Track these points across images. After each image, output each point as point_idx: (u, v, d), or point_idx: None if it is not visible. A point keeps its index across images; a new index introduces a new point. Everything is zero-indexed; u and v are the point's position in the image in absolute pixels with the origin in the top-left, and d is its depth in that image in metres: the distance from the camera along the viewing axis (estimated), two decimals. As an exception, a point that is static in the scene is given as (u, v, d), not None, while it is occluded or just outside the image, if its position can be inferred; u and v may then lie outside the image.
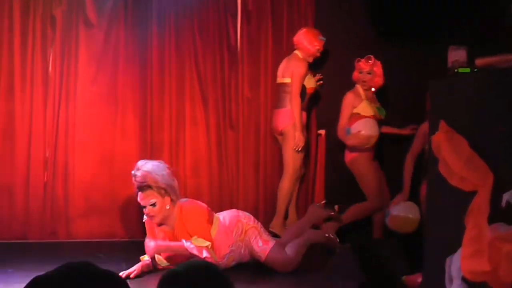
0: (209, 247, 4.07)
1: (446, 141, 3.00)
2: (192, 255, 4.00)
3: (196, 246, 4.04)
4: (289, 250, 4.35)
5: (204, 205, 4.30)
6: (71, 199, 5.28)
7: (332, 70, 5.61)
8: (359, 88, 5.22)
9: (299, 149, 5.18)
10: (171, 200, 4.15)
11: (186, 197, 5.32)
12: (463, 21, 5.16)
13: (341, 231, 5.30)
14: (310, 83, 5.30)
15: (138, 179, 4.10)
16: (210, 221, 4.20)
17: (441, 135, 3.04)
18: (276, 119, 5.32)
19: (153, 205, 4.11)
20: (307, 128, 5.43)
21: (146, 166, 4.11)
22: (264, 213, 5.53)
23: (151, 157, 5.28)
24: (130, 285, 3.71)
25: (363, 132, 5.05)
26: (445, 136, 3.01)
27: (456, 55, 3.15)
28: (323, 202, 5.21)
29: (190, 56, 5.45)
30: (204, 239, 4.10)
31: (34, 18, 5.20)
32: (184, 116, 5.47)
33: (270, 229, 5.05)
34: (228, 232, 4.21)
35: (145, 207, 4.14)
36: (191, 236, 4.10)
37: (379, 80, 5.21)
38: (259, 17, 5.54)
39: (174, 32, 5.42)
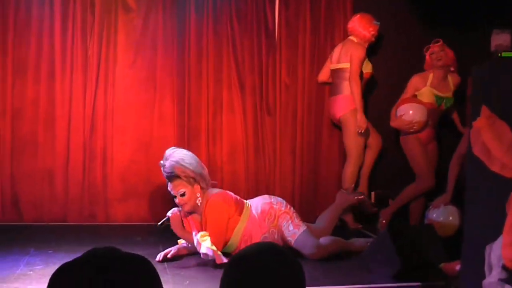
0: (214, 249, 3.98)
1: (488, 126, 2.96)
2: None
3: (200, 243, 3.97)
4: (323, 238, 4.34)
5: (232, 198, 4.20)
6: (109, 183, 5.36)
7: (370, 53, 5.53)
8: (429, 73, 5.16)
9: (362, 131, 5.19)
10: (201, 188, 4.14)
11: (222, 183, 5.43)
12: (507, 3, 5.06)
13: (378, 218, 5.33)
14: (367, 68, 5.29)
15: (166, 169, 4.09)
16: (239, 212, 4.17)
17: (482, 121, 2.99)
18: (333, 106, 5.33)
19: (183, 194, 4.11)
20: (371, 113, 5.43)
21: (173, 156, 4.08)
22: (300, 199, 5.56)
23: (188, 142, 5.41)
24: (169, 268, 3.81)
25: (405, 116, 5.00)
26: (486, 122, 2.97)
27: (500, 38, 3.09)
28: (352, 186, 5.20)
29: (228, 41, 5.46)
30: (220, 236, 4.06)
31: (74, 4, 5.25)
32: (221, 102, 5.48)
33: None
34: (261, 221, 4.19)
35: (175, 196, 4.15)
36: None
37: (452, 55, 5.15)
38: (297, 1, 5.52)
39: (212, 17, 5.43)
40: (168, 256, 4.14)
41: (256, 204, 4.29)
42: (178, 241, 4.29)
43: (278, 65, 5.52)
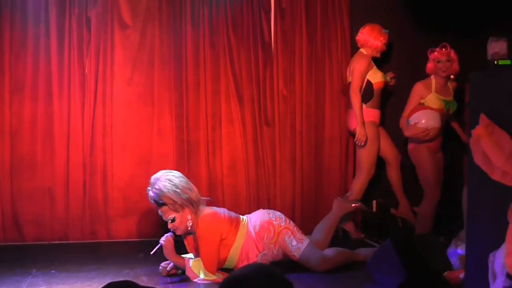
0: (207, 279, 4.00)
1: (487, 135, 2.97)
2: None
3: (192, 270, 4.01)
4: (328, 250, 4.35)
5: (224, 217, 4.14)
6: (110, 200, 5.35)
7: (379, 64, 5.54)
8: (431, 79, 5.12)
9: (361, 144, 5.19)
10: (191, 211, 4.10)
11: (223, 196, 5.44)
12: (504, 12, 5.09)
13: (382, 227, 5.33)
14: (376, 77, 5.26)
15: (151, 198, 4.08)
16: (234, 231, 4.13)
17: (481, 129, 3.00)
18: (348, 119, 5.38)
19: (173, 220, 4.09)
20: (381, 124, 5.41)
21: (157, 184, 4.04)
22: (302, 211, 5.55)
23: (187, 156, 5.42)
24: (173, 284, 3.79)
25: (420, 124, 4.96)
26: (485, 130, 2.98)
27: (496, 46, 3.11)
28: (347, 194, 5.20)
29: (225, 54, 5.47)
30: (213, 259, 4.03)
31: (70, 20, 5.25)
32: (220, 114, 5.49)
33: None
34: (258, 239, 4.14)
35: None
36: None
37: (456, 66, 5.13)
38: (293, 13, 5.53)
39: (208, 30, 5.44)
40: (168, 269, 4.15)
41: (254, 220, 4.23)
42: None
43: (275, 76, 5.53)
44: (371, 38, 5.27)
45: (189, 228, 4.11)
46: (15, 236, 5.22)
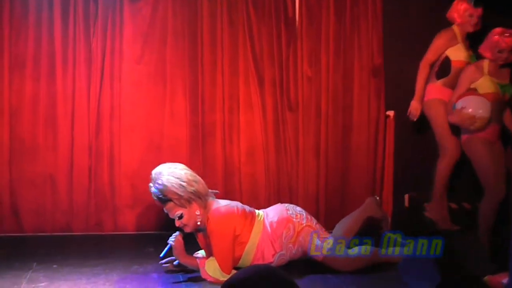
0: (221, 278, 3.85)
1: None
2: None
3: (206, 272, 3.88)
4: (355, 249, 4.18)
5: (238, 211, 3.96)
6: (117, 188, 5.29)
7: (400, 45, 5.49)
8: (484, 62, 4.85)
9: (414, 120, 5.16)
10: (199, 205, 3.93)
11: (240, 186, 5.38)
12: None
13: (413, 223, 5.21)
14: (457, 55, 5.09)
15: (155, 194, 3.92)
16: (249, 227, 3.96)
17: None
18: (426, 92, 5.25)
19: (180, 217, 3.93)
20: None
21: (160, 179, 3.86)
22: (326, 205, 5.48)
23: (202, 142, 5.36)
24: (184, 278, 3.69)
25: (466, 110, 4.69)
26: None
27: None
28: (377, 197, 5.04)
29: (244, 31, 5.38)
30: (227, 257, 3.88)
31: (75, -8, 5.19)
32: (238, 97, 5.41)
33: (426, 214, 5.04)
34: (275, 238, 3.98)
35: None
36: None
37: None
38: (320, -15, 5.43)
39: (226, 4, 5.35)
40: (175, 263, 4.04)
41: (272, 216, 4.06)
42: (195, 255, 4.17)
43: (299, 56, 5.45)
44: (452, 11, 5.14)
45: (199, 224, 3.96)
46: (13, 226, 5.18)
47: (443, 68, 5.10)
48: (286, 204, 4.24)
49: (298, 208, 4.17)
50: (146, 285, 3.78)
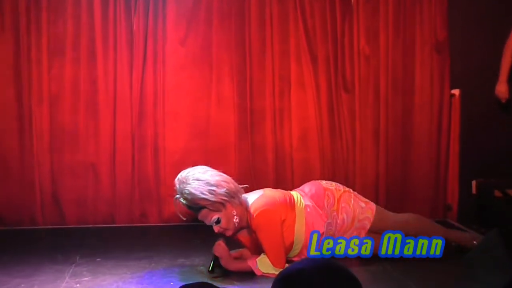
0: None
1: None
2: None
3: (260, 271, 3.86)
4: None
5: (276, 198, 3.97)
6: (161, 177, 5.31)
7: (465, 19, 5.37)
8: None
9: (502, 102, 5.11)
10: (234, 205, 3.89)
11: (292, 173, 5.37)
12: None
13: (485, 213, 5.08)
14: None
15: (185, 205, 3.88)
16: (291, 209, 3.99)
17: None
18: None
19: (218, 221, 3.88)
20: None
21: (187, 189, 3.81)
22: (387, 193, 5.41)
23: (251, 127, 5.36)
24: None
25: None
26: None
27: None
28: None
29: (295, 5, 5.32)
30: (280, 249, 3.88)
31: (116, -29, 5.23)
32: (289, 78, 5.37)
33: None
34: (320, 208, 4.08)
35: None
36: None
37: None
38: (378, -47, 5.34)
39: (275, -21, 5.29)
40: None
41: (308, 190, 4.16)
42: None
43: (355, 32, 5.36)
44: None
45: (238, 224, 3.93)
46: (55, 218, 5.26)
47: None
48: (319, 180, 4.40)
49: (330, 181, 4.34)
50: (193, 279, 3.78)
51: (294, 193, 4.14)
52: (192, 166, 5.24)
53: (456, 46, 5.37)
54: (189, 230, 5.08)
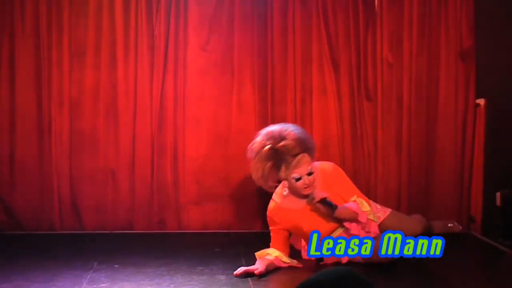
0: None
1: None
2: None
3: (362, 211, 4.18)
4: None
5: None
6: (181, 184, 5.33)
7: (492, 26, 5.32)
8: None
9: None
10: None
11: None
12: None
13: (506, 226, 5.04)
14: None
15: (291, 145, 4.08)
16: None
17: None
18: None
19: (310, 173, 4.14)
20: None
21: (291, 130, 4.16)
22: (408, 201, 5.38)
23: None
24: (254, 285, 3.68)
25: None
26: None
27: None
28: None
29: (318, 12, 5.31)
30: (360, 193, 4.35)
31: (138, -25, 5.27)
32: (310, 85, 5.36)
33: None
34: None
35: (299, 178, 4.11)
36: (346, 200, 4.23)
37: None
38: (402, -40, 5.35)
39: (298, -16, 5.32)
40: (256, 273, 4.01)
41: None
42: (257, 254, 4.20)
43: (379, 39, 5.34)
44: None
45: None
46: (73, 224, 5.28)
47: None
48: None
49: None
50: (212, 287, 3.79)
51: None
52: (213, 173, 5.31)
53: (482, 54, 5.34)
54: (208, 238, 5.14)
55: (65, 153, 5.25)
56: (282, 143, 4.08)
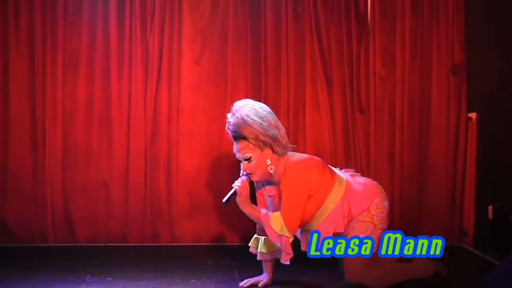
0: (289, 239, 3.82)
1: None
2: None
3: (272, 228, 3.82)
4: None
5: (321, 165, 3.92)
6: (174, 197, 5.36)
7: (482, 42, 5.40)
8: None
9: None
10: (274, 152, 3.87)
11: None
12: None
13: (501, 239, 5.07)
14: None
15: (230, 127, 3.90)
16: (329, 184, 3.89)
17: None
18: None
19: (248, 159, 3.86)
20: None
21: (241, 112, 3.86)
22: (400, 214, 5.43)
23: None
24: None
25: None
26: None
27: None
28: None
29: (311, 27, 5.37)
30: (296, 215, 3.81)
31: (131, -12, 5.31)
32: (303, 99, 5.41)
33: None
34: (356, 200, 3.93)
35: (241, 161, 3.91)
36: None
37: None
38: (394, -24, 5.43)
39: (292, -1, 5.39)
40: (259, 285, 4.06)
41: (361, 180, 4.07)
42: (249, 244, 4.19)
43: (371, 54, 5.40)
44: None
45: (271, 174, 3.89)
46: (66, 236, 5.30)
47: None
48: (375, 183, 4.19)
49: (384, 193, 4.10)
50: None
51: (342, 179, 4.00)
52: (206, 186, 5.30)
53: (473, 69, 5.40)
54: (201, 250, 5.15)
55: (58, 165, 5.28)
56: (227, 123, 3.94)
